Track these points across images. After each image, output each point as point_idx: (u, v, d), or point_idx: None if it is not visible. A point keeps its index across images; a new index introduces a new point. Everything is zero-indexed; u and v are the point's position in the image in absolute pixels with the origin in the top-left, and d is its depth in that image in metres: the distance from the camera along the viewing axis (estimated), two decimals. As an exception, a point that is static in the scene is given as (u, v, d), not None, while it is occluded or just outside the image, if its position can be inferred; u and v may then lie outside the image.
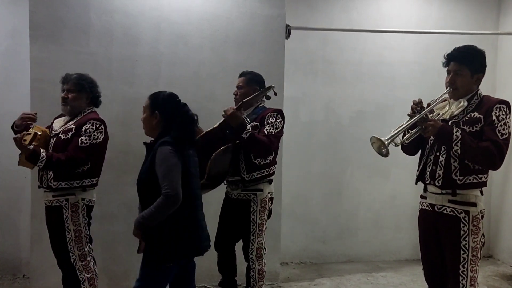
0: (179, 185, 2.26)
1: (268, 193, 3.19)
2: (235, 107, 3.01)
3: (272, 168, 3.19)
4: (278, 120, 3.10)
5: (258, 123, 3.10)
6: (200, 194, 2.53)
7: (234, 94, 3.25)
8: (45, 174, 2.94)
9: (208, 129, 3.03)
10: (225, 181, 3.23)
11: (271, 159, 3.16)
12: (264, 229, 3.21)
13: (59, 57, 3.71)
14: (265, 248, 3.25)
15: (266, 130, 3.04)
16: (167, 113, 2.43)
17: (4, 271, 4.20)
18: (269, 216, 3.27)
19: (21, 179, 4.05)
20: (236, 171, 3.11)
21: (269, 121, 3.07)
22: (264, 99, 3.18)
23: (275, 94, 3.11)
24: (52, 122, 3.15)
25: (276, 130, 3.07)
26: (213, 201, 3.38)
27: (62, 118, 3.11)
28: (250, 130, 2.96)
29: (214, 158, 2.89)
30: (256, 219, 3.15)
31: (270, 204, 3.23)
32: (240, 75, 3.28)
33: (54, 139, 2.98)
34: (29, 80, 3.69)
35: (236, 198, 3.20)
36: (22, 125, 3.00)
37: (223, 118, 3.01)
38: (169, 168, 2.26)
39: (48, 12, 3.70)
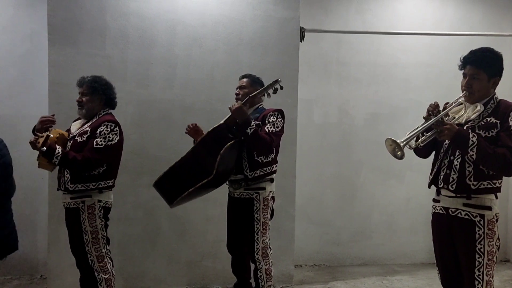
0: None
1: (270, 191, 3.22)
2: (242, 103, 3.06)
3: (274, 167, 3.24)
4: (279, 120, 3.17)
5: (260, 122, 3.16)
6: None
7: (236, 94, 3.30)
8: (62, 176, 2.98)
9: (215, 125, 3.07)
10: (227, 181, 3.26)
11: (273, 157, 3.21)
12: (268, 228, 3.21)
13: (76, 60, 3.76)
14: (270, 247, 3.25)
15: (267, 128, 3.11)
16: None
17: (22, 272, 4.26)
18: (271, 215, 3.28)
19: (38, 180, 4.11)
20: (239, 169, 3.15)
21: (270, 120, 3.14)
22: (271, 93, 3.17)
23: (281, 88, 3.10)
24: (71, 126, 3.19)
25: (277, 129, 3.13)
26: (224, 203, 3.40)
27: (79, 121, 3.15)
28: (254, 126, 3.01)
29: (223, 154, 2.91)
30: (260, 218, 3.17)
31: (272, 203, 3.25)
32: (243, 77, 3.33)
33: (71, 141, 3.02)
34: (47, 83, 3.75)
35: (239, 197, 3.23)
36: (42, 128, 3.03)
37: (229, 114, 3.06)
38: None
39: (66, 16, 3.75)
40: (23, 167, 4.13)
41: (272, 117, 3.15)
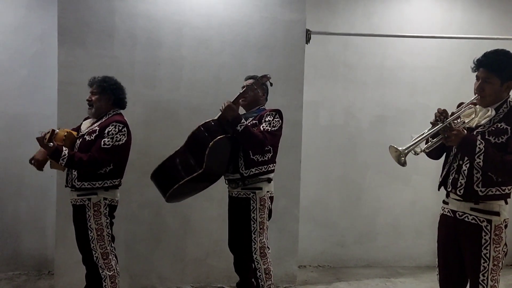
0: None
1: (267, 192, 3.22)
2: (231, 101, 3.08)
3: (271, 166, 3.22)
4: (276, 120, 3.16)
5: (256, 121, 3.17)
6: None
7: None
8: (70, 174, 3.04)
9: (207, 120, 3.09)
10: (226, 180, 3.30)
11: (270, 157, 3.19)
12: (265, 227, 3.23)
13: (85, 60, 3.82)
14: (268, 247, 3.26)
15: (262, 127, 3.12)
16: None
17: (30, 268, 4.34)
18: (269, 216, 3.30)
19: (47, 178, 4.17)
20: (235, 167, 3.18)
21: (267, 120, 3.15)
22: (265, 86, 3.26)
23: (271, 84, 3.22)
24: (81, 124, 3.26)
25: (273, 129, 3.13)
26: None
27: (89, 120, 3.20)
28: (244, 123, 3.03)
29: (212, 147, 2.93)
30: (256, 218, 3.18)
31: (269, 203, 3.26)
32: (250, 78, 3.34)
33: (80, 140, 3.07)
34: (57, 83, 3.82)
35: (236, 196, 3.25)
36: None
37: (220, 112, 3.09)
38: None
39: (75, 17, 3.81)
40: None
41: (268, 117, 3.16)
